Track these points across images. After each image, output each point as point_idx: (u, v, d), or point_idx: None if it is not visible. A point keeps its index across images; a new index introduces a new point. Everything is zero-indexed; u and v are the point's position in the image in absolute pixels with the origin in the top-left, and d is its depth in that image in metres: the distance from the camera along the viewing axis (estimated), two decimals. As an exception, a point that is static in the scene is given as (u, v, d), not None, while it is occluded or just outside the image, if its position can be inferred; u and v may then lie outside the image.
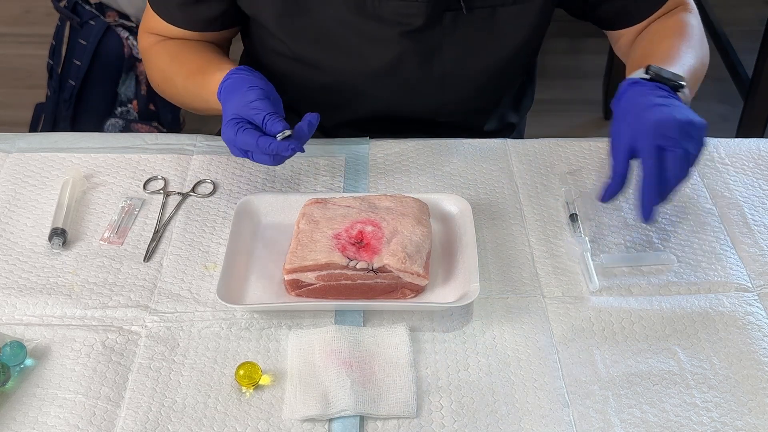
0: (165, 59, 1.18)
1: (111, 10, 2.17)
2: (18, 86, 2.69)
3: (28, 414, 0.83)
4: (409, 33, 1.11)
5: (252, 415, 0.84)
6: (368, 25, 1.11)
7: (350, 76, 1.17)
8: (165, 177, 1.11)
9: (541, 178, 1.12)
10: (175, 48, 1.18)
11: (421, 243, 0.95)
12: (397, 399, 0.84)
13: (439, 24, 1.12)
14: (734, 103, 2.58)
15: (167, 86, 1.20)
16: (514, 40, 1.16)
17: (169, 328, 0.92)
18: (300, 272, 0.92)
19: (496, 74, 1.20)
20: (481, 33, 1.14)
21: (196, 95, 1.12)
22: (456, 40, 1.14)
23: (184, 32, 1.18)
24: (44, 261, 1.00)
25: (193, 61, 1.14)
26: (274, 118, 0.96)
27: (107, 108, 2.19)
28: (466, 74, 1.18)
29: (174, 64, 1.17)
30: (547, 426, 0.83)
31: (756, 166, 1.15)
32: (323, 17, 1.11)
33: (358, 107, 1.22)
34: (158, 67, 1.20)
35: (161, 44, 1.20)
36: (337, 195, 1.02)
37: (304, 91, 1.22)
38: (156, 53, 1.20)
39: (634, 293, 0.97)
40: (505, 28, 1.14)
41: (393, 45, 1.12)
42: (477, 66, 1.17)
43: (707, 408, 0.85)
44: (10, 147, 1.16)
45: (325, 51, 1.15)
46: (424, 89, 1.18)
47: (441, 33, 1.13)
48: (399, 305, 0.94)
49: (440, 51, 1.14)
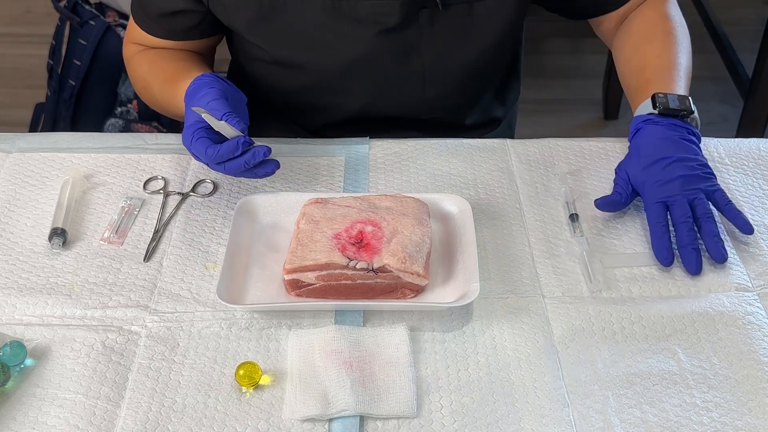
0: (144, 67, 1.20)
1: (111, 10, 2.17)
2: (18, 86, 2.69)
3: (28, 414, 0.83)
4: (385, 32, 1.12)
5: (252, 415, 0.84)
6: (344, 25, 1.11)
7: (328, 77, 1.18)
8: (165, 177, 1.11)
9: (541, 178, 1.12)
10: (153, 56, 1.20)
11: (421, 243, 0.95)
12: (397, 399, 0.84)
13: (415, 22, 1.12)
14: (734, 103, 2.58)
15: (147, 93, 1.22)
16: (492, 36, 1.16)
17: (169, 328, 0.92)
18: (300, 272, 0.92)
19: (475, 70, 1.20)
20: (458, 29, 1.14)
21: (169, 102, 1.14)
22: (433, 38, 1.14)
23: (165, 42, 1.20)
24: (44, 261, 1.00)
25: (168, 69, 1.16)
26: (230, 117, 0.97)
27: (107, 108, 2.18)
28: (445, 71, 1.19)
29: (151, 72, 1.19)
30: (547, 426, 0.83)
31: (756, 166, 1.15)
32: (299, 20, 1.12)
33: (340, 107, 1.23)
34: (138, 76, 1.22)
35: (142, 53, 1.22)
36: (337, 195, 1.02)
37: (285, 94, 1.24)
38: (137, 62, 1.22)
39: (634, 293, 0.97)
40: (482, 24, 1.15)
41: (369, 44, 1.13)
42: (455, 62, 1.18)
43: (707, 408, 0.85)
44: (10, 147, 1.16)
45: (302, 53, 1.16)
46: (404, 87, 1.19)
47: (418, 31, 1.13)
48: (399, 305, 0.94)
49: (418, 48, 1.15)
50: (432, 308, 0.94)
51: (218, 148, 0.97)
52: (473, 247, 0.97)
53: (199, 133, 0.99)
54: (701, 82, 2.73)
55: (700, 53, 2.92)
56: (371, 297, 0.93)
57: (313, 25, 1.12)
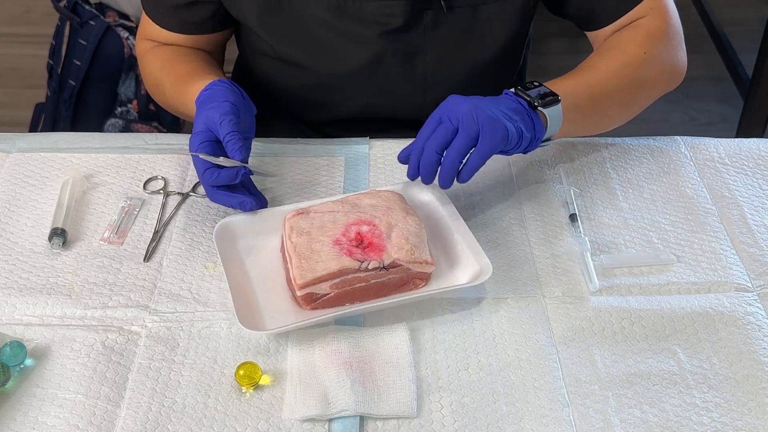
0: (156, 65, 1.20)
1: (111, 10, 2.17)
2: (18, 86, 2.69)
3: (28, 414, 0.83)
4: (389, 33, 1.12)
5: (252, 415, 0.84)
6: (349, 25, 1.11)
7: (332, 76, 1.18)
8: (165, 177, 1.11)
9: (541, 178, 1.12)
10: (167, 54, 1.20)
11: (418, 231, 0.95)
12: (397, 399, 0.84)
13: (419, 24, 1.12)
14: (734, 103, 2.58)
15: (158, 92, 1.22)
16: (497, 39, 1.16)
17: (169, 328, 0.92)
18: (313, 285, 0.90)
19: (480, 74, 1.20)
20: (462, 32, 1.14)
21: (180, 103, 1.14)
22: (437, 40, 1.14)
23: (177, 36, 1.20)
24: (44, 261, 1.00)
25: (181, 69, 1.16)
26: (235, 139, 0.97)
27: (107, 108, 2.19)
28: (449, 74, 1.18)
29: (164, 70, 1.19)
30: (547, 426, 0.83)
31: (756, 166, 1.15)
32: (304, 16, 1.12)
33: (342, 106, 1.23)
34: (150, 73, 1.22)
35: (155, 50, 1.22)
36: (316, 202, 1.00)
37: (288, 90, 1.24)
38: (149, 59, 1.22)
39: (634, 293, 0.97)
40: (487, 27, 1.14)
41: (373, 45, 1.13)
42: (460, 65, 1.18)
43: (707, 408, 0.85)
44: (10, 147, 1.16)
45: (306, 50, 1.16)
46: (407, 88, 1.19)
47: (422, 33, 1.13)
48: (422, 295, 0.93)
49: (422, 50, 1.15)
50: (458, 290, 0.93)
51: (217, 173, 0.98)
52: (464, 226, 0.97)
53: (204, 147, 0.99)
54: (701, 82, 2.74)
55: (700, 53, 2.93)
56: (386, 294, 0.93)
57: (318, 22, 1.12)
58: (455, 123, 0.94)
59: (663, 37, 1.13)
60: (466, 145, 0.94)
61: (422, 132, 0.98)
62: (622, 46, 1.11)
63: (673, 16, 1.15)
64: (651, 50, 1.10)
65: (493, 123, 0.94)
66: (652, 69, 1.11)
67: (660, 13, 1.13)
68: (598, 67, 1.09)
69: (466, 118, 0.93)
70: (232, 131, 0.98)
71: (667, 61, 1.13)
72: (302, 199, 1.08)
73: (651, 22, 1.13)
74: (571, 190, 1.08)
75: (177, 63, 1.18)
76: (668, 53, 1.13)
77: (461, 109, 0.94)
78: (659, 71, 1.12)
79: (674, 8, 1.16)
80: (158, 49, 1.21)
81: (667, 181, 1.12)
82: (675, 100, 2.67)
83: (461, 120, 0.94)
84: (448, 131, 0.94)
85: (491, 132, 0.93)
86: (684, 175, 1.13)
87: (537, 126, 0.99)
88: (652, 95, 1.15)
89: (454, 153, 0.94)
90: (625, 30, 1.14)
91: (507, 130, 0.94)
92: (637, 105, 1.14)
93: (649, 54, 1.10)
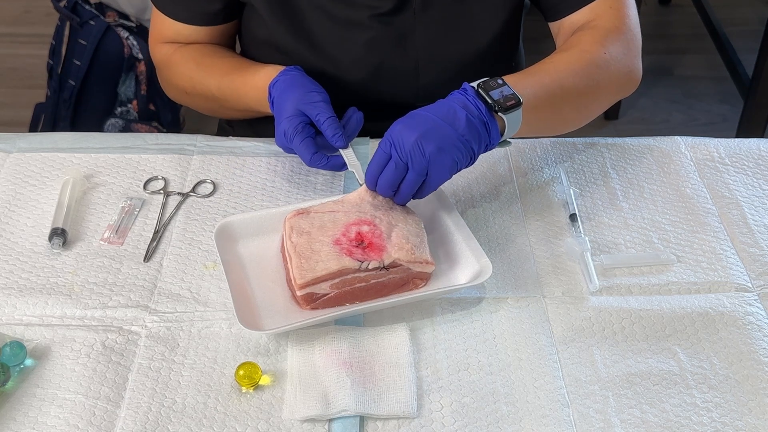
0: (190, 65, 1.20)
1: (111, 10, 2.17)
2: (18, 86, 2.69)
3: (28, 414, 0.83)
4: (379, 16, 1.13)
5: (252, 415, 0.84)
6: (340, 9, 1.13)
7: (326, 61, 1.18)
8: (165, 177, 1.11)
9: (541, 178, 1.12)
10: (196, 53, 1.21)
11: (419, 231, 0.95)
12: (397, 399, 0.84)
13: (409, 7, 1.13)
14: (734, 103, 2.58)
15: (196, 91, 1.21)
16: (489, 26, 1.17)
17: (169, 328, 0.92)
18: (313, 285, 0.90)
19: (473, 60, 1.20)
20: (452, 17, 1.15)
21: (233, 92, 1.15)
22: (427, 24, 1.15)
23: (191, 29, 1.20)
24: (44, 261, 1.00)
25: (224, 64, 1.18)
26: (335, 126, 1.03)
27: (107, 108, 2.19)
28: (441, 59, 1.19)
29: (201, 67, 1.19)
30: (547, 426, 0.83)
31: (756, 166, 1.15)
32: (299, 3, 1.13)
33: (337, 92, 1.23)
34: (184, 75, 1.21)
35: (180, 52, 1.22)
36: (316, 202, 1.00)
37: None
38: (177, 62, 1.22)
39: (634, 293, 0.97)
40: (478, 13, 1.15)
41: (365, 29, 1.15)
42: (451, 51, 1.18)
43: (707, 408, 0.85)
44: (10, 147, 1.16)
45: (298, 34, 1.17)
46: (400, 73, 1.20)
47: (412, 16, 1.14)
48: (422, 295, 0.93)
49: (413, 35, 1.16)
50: (459, 290, 0.94)
51: (325, 159, 1.03)
52: (464, 226, 0.98)
53: (304, 131, 1.04)
54: (701, 82, 2.74)
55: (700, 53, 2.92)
56: (386, 294, 0.93)
57: (311, 7, 1.14)
58: (404, 159, 0.94)
59: (621, 37, 1.13)
60: (416, 182, 0.95)
61: (373, 165, 0.96)
62: (582, 44, 1.11)
63: (633, 19, 1.15)
64: (610, 50, 1.10)
65: (441, 156, 0.93)
66: (611, 70, 1.10)
67: (618, 14, 1.14)
68: (560, 65, 1.08)
69: (415, 153, 0.93)
70: (331, 116, 1.03)
71: (625, 64, 1.13)
72: (302, 199, 1.08)
73: (609, 21, 1.14)
74: (571, 190, 1.08)
75: (216, 58, 1.19)
76: (625, 56, 1.13)
77: (409, 141, 0.93)
78: (617, 74, 1.12)
79: (635, 14, 1.16)
80: (184, 49, 1.21)
81: (667, 181, 1.12)
82: (675, 100, 2.67)
83: (410, 157, 0.93)
84: (399, 169, 0.94)
85: (440, 166, 0.94)
86: (684, 175, 1.13)
87: (492, 133, 0.97)
88: (608, 99, 1.15)
89: (407, 189, 0.96)
90: (585, 31, 1.14)
91: (456, 162, 0.94)
92: (593, 108, 1.13)
93: (608, 55, 1.10)
